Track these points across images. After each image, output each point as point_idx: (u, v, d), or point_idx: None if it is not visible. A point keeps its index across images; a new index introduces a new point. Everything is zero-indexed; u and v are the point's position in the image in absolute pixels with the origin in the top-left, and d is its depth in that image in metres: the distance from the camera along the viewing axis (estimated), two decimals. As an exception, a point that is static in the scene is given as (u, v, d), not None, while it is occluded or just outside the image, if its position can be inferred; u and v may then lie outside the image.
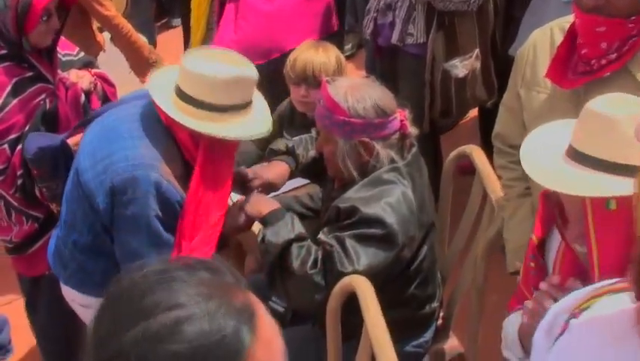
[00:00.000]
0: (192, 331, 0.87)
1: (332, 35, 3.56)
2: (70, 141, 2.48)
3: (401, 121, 2.20)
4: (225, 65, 2.09)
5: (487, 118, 4.04)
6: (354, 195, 2.16)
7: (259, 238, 2.21)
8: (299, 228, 2.20)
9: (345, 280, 2.07)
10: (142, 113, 2.20)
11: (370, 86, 2.20)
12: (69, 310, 2.51)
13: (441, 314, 2.56)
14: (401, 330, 2.09)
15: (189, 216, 2.14)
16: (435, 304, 2.44)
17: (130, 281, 0.94)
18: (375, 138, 2.15)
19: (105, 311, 0.95)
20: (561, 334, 1.21)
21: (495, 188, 2.35)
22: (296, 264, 2.12)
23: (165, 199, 2.11)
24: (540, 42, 2.23)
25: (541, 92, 2.17)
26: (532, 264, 1.82)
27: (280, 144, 2.69)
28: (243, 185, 2.45)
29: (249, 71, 2.14)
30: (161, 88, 2.16)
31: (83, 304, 2.39)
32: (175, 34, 6.05)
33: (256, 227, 2.37)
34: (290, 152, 2.61)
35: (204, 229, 2.15)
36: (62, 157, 2.48)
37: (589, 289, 1.24)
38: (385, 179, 2.16)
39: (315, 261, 2.13)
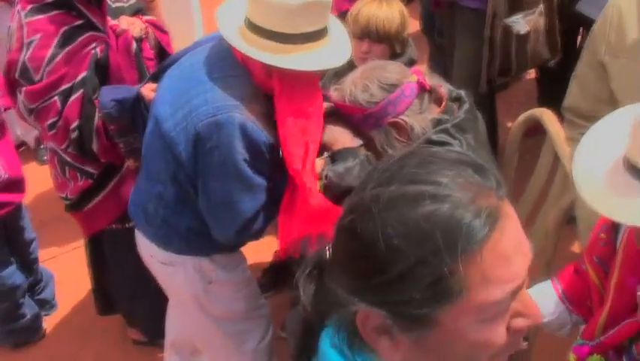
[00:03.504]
0: (430, 210, 0.86)
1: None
2: (143, 91, 2.36)
3: (417, 81, 2.06)
4: None
5: (547, 78, 3.91)
6: None
7: (323, 173, 2.14)
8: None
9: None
10: (217, 53, 2.09)
11: (368, 69, 2.09)
12: (137, 265, 2.45)
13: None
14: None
15: (286, 150, 2.01)
16: None
17: (399, 155, 0.96)
18: (400, 112, 2.03)
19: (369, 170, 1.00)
20: None
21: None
22: None
23: (252, 141, 1.99)
24: (626, 3, 2.02)
25: (630, 60, 1.98)
26: (604, 235, 1.73)
27: None
28: None
29: None
30: (229, 21, 2.02)
31: (164, 262, 2.32)
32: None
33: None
34: None
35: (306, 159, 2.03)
36: (139, 109, 2.38)
37: None
38: (435, 140, 2.04)
39: None
